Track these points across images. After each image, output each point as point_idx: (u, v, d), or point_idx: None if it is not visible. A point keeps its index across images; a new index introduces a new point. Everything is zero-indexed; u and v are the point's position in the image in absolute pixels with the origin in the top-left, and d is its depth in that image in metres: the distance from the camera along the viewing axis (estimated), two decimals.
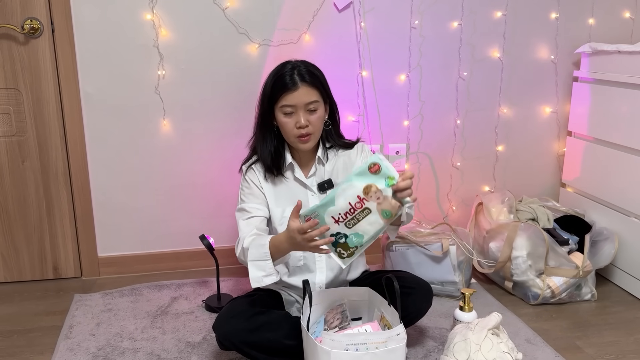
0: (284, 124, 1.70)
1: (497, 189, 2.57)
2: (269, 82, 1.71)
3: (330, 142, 1.82)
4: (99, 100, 2.21)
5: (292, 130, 1.69)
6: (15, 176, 2.22)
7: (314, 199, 1.78)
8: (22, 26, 2.08)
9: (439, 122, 2.47)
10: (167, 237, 2.39)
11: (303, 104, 1.67)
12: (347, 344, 1.42)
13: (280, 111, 1.69)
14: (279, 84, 1.67)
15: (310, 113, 1.69)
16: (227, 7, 2.19)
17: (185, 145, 2.30)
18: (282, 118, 1.69)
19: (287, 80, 1.66)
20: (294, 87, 1.66)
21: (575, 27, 2.47)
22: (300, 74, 1.67)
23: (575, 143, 2.50)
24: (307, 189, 1.79)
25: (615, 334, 1.94)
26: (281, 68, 1.70)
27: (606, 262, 2.19)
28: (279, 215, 1.77)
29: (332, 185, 1.79)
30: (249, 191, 1.79)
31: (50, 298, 2.19)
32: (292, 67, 1.69)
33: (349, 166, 1.83)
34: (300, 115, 1.67)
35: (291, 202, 1.75)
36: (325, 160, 1.81)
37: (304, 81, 1.66)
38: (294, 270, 1.80)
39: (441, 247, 2.13)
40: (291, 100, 1.66)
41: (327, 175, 1.81)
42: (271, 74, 1.73)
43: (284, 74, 1.67)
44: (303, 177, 1.79)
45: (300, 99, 1.66)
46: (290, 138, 1.72)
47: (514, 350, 1.60)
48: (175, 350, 1.80)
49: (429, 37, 2.36)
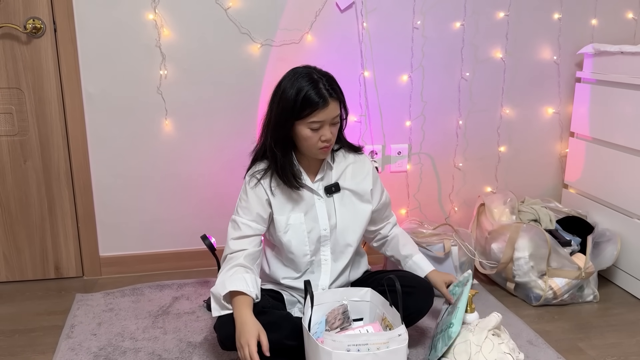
0: (308, 138, 1.64)
1: (499, 189, 2.56)
2: (292, 97, 1.61)
3: (337, 143, 1.80)
4: (101, 100, 2.21)
5: (316, 144, 1.65)
6: (17, 176, 2.22)
7: (321, 204, 1.77)
8: (24, 26, 2.08)
9: (441, 122, 2.46)
10: (168, 237, 2.39)
11: (330, 119, 1.64)
12: (349, 345, 1.42)
13: (307, 126, 1.63)
14: (308, 101, 1.60)
15: (333, 126, 1.67)
16: (229, 7, 2.19)
17: (187, 145, 2.30)
18: (308, 133, 1.63)
19: (317, 98, 1.60)
20: (325, 104, 1.61)
21: (578, 28, 2.47)
22: (327, 89, 1.62)
23: (577, 144, 2.49)
24: (314, 194, 1.77)
25: (618, 336, 1.93)
26: (303, 82, 1.61)
27: (608, 263, 2.19)
28: (284, 224, 1.74)
29: (339, 189, 1.78)
30: (245, 205, 1.73)
31: (52, 298, 2.19)
32: (316, 81, 1.61)
33: (360, 175, 1.81)
34: (327, 130, 1.64)
35: (297, 208, 1.75)
36: (333, 163, 1.79)
37: (332, 97, 1.62)
38: (302, 272, 1.80)
39: (443, 248, 2.12)
40: (321, 117, 1.62)
41: (334, 178, 1.79)
42: (292, 86, 1.62)
43: (310, 91, 1.60)
44: (310, 182, 1.76)
45: (329, 115, 1.63)
46: (312, 150, 1.67)
47: (515, 351, 1.59)
48: (176, 350, 1.80)
49: (431, 37, 2.35)
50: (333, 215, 1.78)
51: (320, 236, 1.77)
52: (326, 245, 1.79)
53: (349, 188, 1.80)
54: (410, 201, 2.53)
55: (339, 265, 1.81)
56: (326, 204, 1.78)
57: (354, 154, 1.83)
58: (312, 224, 1.76)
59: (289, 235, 1.74)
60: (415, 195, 2.53)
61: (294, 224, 1.74)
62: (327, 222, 1.77)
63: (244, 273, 1.63)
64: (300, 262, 1.77)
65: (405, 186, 2.51)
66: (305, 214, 1.75)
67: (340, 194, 1.79)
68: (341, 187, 1.79)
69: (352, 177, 1.81)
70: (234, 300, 1.58)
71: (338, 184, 1.79)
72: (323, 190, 1.78)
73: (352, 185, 1.80)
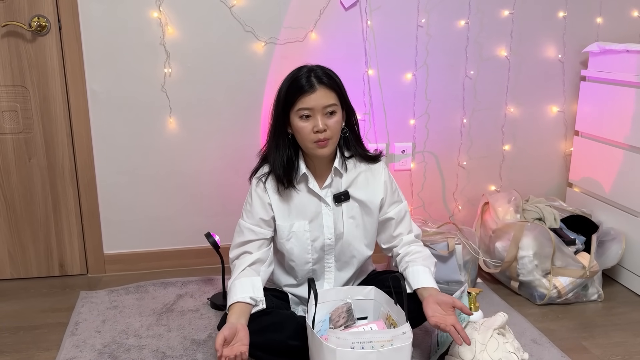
0: (300, 128, 1.60)
1: (504, 188, 2.56)
2: (284, 87, 1.63)
3: (350, 151, 1.72)
4: (106, 98, 2.21)
5: (309, 135, 1.59)
6: (22, 173, 2.23)
7: (328, 212, 1.72)
8: (29, 24, 2.09)
9: (445, 121, 2.46)
10: (172, 235, 2.40)
11: (321, 107, 1.58)
12: (353, 342, 1.42)
13: (297, 115, 1.59)
14: (295, 87, 1.59)
15: (328, 117, 1.59)
16: (233, 5, 2.19)
17: (191, 143, 2.31)
18: (299, 123, 1.59)
19: (304, 83, 1.58)
20: (311, 89, 1.57)
21: (583, 26, 2.46)
22: (317, 76, 1.59)
23: (582, 142, 2.48)
24: (321, 201, 1.71)
25: (622, 335, 1.93)
26: (297, 72, 1.63)
27: (613, 262, 2.18)
28: (287, 231, 1.71)
29: (349, 198, 1.72)
30: (250, 208, 1.70)
31: (56, 295, 2.20)
32: (309, 70, 1.61)
33: (372, 185, 1.74)
34: (318, 119, 1.58)
35: (302, 215, 1.71)
36: (343, 171, 1.71)
37: (322, 83, 1.58)
38: (303, 279, 1.78)
39: (447, 247, 2.12)
40: (308, 103, 1.57)
41: (343, 186, 1.72)
42: (286, 79, 1.64)
43: (300, 77, 1.59)
44: (317, 188, 1.70)
45: (318, 102, 1.57)
46: (308, 144, 1.61)
47: (519, 350, 1.59)
48: (180, 348, 1.80)
49: (435, 35, 2.35)
50: (340, 225, 1.72)
51: (324, 245, 1.73)
52: (330, 253, 1.75)
53: (358, 198, 1.73)
54: (414, 200, 2.52)
55: (343, 275, 1.79)
56: (334, 213, 1.72)
57: (367, 162, 1.75)
58: (317, 232, 1.72)
59: (292, 243, 1.71)
60: (419, 194, 2.52)
61: (297, 232, 1.71)
62: (332, 231, 1.72)
63: (243, 278, 1.63)
64: (300, 270, 1.75)
65: (409, 185, 2.50)
66: (310, 222, 1.71)
67: (349, 204, 1.73)
68: (351, 196, 1.73)
69: (364, 186, 1.74)
70: (230, 309, 1.58)
71: (348, 192, 1.73)
72: (332, 198, 1.72)
73: (362, 195, 1.73)
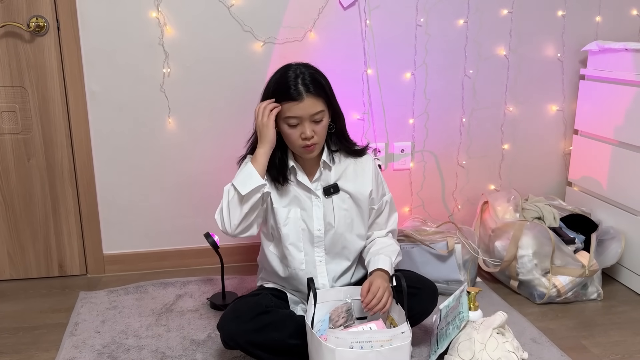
0: (288, 135, 1.63)
1: (503, 187, 2.56)
2: (271, 88, 1.63)
3: (335, 145, 1.75)
4: (105, 98, 2.21)
5: (297, 141, 1.62)
6: (21, 174, 2.23)
7: (318, 204, 1.73)
8: (27, 24, 2.09)
9: (444, 120, 2.46)
10: (172, 235, 2.40)
11: (308, 115, 1.59)
12: (352, 342, 1.42)
13: (285, 122, 1.61)
14: (282, 94, 1.59)
15: (315, 124, 1.61)
16: (232, 5, 2.19)
17: (191, 143, 2.31)
18: (287, 129, 1.62)
19: (292, 92, 1.57)
20: (299, 98, 1.57)
21: (582, 25, 2.46)
22: (305, 83, 1.58)
23: (581, 141, 2.48)
24: (312, 194, 1.73)
25: (622, 334, 1.93)
26: (283, 75, 1.62)
27: (613, 261, 2.18)
28: (284, 216, 1.72)
29: (338, 190, 1.74)
30: None
31: (56, 295, 2.20)
32: (295, 75, 1.60)
33: (360, 177, 1.76)
34: (306, 127, 1.59)
35: (296, 203, 1.72)
36: (331, 164, 1.73)
37: (309, 92, 1.58)
38: (295, 275, 1.76)
39: (446, 246, 2.12)
40: (296, 112, 1.58)
41: (333, 179, 1.74)
42: (273, 81, 1.64)
43: (288, 84, 1.59)
44: (307, 181, 1.72)
45: (306, 111, 1.58)
46: (296, 148, 1.65)
47: (519, 350, 1.59)
48: (180, 348, 1.80)
49: (434, 34, 2.35)
50: (330, 216, 1.74)
51: (313, 236, 1.74)
52: (320, 246, 1.75)
53: (348, 190, 1.75)
54: (413, 199, 2.52)
55: (335, 268, 1.78)
56: (324, 205, 1.74)
57: (352, 157, 1.78)
58: (307, 223, 1.73)
59: (288, 229, 1.72)
60: (418, 193, 2.52)
61: (293, 218, 1.72)
62: (321, 222, 1.73)
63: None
64: (295, 257, 1.74)
65: (408, 184, 2.50)
66: (302, 211, 1.73)
67: (340, 195, 1.75)
68: (340, 188, 1.75)
69: (352, 178, 1.76)
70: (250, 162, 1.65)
71: (337, 184, 1.75)
72: (322, 190, 1.74)
73: (351, 187, 1.75)
